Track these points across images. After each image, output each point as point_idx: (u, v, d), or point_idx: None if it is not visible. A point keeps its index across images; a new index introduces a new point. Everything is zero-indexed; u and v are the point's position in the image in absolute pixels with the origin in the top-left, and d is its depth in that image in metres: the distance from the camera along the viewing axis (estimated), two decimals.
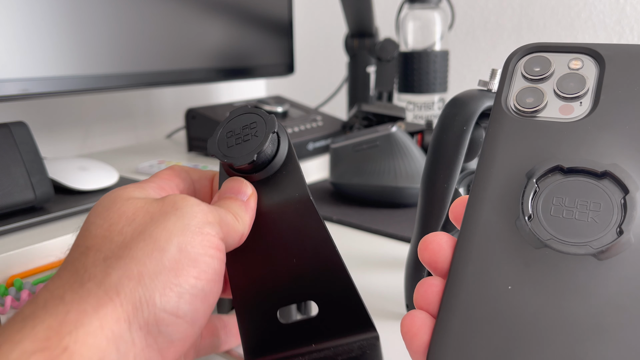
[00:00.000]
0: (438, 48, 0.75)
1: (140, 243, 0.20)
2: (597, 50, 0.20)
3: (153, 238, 0.20)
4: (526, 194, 0.18)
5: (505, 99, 0.20)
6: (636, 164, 0.17)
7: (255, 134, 0.26)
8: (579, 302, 0.16)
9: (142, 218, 0.21)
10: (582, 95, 0.19)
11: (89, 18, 0.57)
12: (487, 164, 0.19)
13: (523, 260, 0.17)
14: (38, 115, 0.78)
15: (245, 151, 0.25)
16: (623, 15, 0.80)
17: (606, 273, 0.16)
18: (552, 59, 0.20)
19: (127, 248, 0.20)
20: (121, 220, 0.21)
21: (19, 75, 0.51)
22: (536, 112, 0.20)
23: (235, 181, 0.26)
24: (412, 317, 0.18)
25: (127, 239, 0.20)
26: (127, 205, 0.22)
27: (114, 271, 0.19)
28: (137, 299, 0.19)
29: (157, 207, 0.22)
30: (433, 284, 0.18)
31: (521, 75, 0.21)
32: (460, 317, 0.17)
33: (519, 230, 0.18)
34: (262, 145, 0.25)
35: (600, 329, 0.15)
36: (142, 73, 0.64)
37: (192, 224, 0.21)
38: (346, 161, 0.56)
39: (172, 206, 0.22)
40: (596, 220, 0.17)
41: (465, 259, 0.18)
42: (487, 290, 0.17)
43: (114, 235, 0.21)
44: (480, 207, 0.19)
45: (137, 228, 0.21)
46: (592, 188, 0.18)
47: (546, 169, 0.18)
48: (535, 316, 0.16)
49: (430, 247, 0.19)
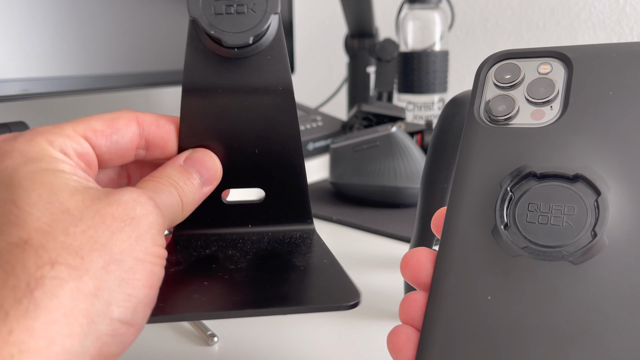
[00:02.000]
0: (438, 48, 0.75)
1: (94, 254, 0.18)
2: (564, 52, 0.20)
3: (108, 249, 0.19)
4: (500, 202, 0.18)
5: (478, 109, 0.20)
6: (607, 165, 0.17)
7: (253, 8, 0.22)
8: (558, 308, 0.16)
9: (91, 221, 0.19)
10: (552, 99, 0.19)
11: (89, 18, 0.57)
12: (462, 175, 0.19)
13: (501, 269, 0.17)
14: (38, 115, 0.78)
15: (238, 27, 0.22)
16: (623, 16, 0.80)
17: (583, 277, 0.16)
18: (522, 65, 0.20)
19: (79, 257, 0.18)
20: (65, 218, 0.18)
21: (19, 75, 0.51)
22: (508, 120, 0.20)
23: (208, 160, 0.24)
24: (397, 333, 0.18)
25: (76, 243, 0.18)
26: (71, 201, 0.19)
27: (66, 284, 0.17)
28: (93, 314, 0.18)
29: (109, 210, 0.19)
30: (416, 299, 0.19)
31: (492, 83, 0.21)
32: (442, 330, 0.17)
33: (496, 240, 0.18)
34: (260, 27, 0.22)
35: (581, 333, 0.16)
36: (142, 73, 0.64)
37: (147, 236, 0.20)
38: (346, 161, 0.56)
39: (128, 214, 0.20)
40: (571, 224, 0.17)
41: (445, 272, 0.18)
42: (468, 302, 0.17)
43: (57, 232, 0.18)
44: (457, 218, 0.19)
45: (86, 232, 0.18)
46: (565, 192, 0.18)
47: (519, 176, 0.18)
48: (515, 325, 0.16)
49: (411, 264, 0.19)
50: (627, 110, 0.18)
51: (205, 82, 0.24)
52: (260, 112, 0.24)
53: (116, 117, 0.24)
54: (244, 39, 0.22)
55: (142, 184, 0.23)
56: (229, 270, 0.24)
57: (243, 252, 0.26)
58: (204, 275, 0.23)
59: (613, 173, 0.17)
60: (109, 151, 0.23)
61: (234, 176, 0.26)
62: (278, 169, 0.26)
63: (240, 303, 0.21)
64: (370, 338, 0.31)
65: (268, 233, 0.27)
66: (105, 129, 0.23)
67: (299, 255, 0.25)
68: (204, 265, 0.24)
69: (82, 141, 0.22)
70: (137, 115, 0.24)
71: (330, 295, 0.22)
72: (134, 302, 0.19)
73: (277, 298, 0.21)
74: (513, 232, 0.18)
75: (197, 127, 0.25)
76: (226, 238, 0.27)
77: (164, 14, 0.66)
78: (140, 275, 0.19)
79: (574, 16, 0.83)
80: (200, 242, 0.27)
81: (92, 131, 0.22)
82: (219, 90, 0.24)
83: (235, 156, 0.26)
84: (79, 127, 0.22)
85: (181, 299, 0.22)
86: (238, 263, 0.25)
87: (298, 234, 0.27)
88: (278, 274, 0.24)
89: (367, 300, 0.35)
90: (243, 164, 0.26)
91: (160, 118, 0.25)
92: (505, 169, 0.19)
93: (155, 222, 0.21)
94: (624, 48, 0.19)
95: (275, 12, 0.22)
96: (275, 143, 0.26)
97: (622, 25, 0.80)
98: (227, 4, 0.22)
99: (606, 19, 0.81)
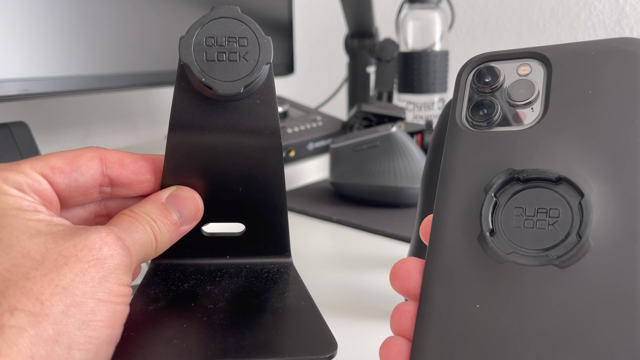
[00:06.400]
0: (438, 48, 0.75)
1: (54, 297, 0.18)
2: (542, 53, 0.20)
3: (69, 292, 0.18)
4: (485, 208, 0.18)
5: (460, 114, 0.20)
6: (590, 166, 0.17)
7: (245, 57, 0.22)
8: (546, 313, 0.16)
9: (53, 263, 0.18)
10: (532, 100, 0.19)
11: (90, 18, 0.57)
12: (446, 182, 0.19)
13: (489, 277, 0.17)
14: (38, 115, 0.78)
15: (229, 75, 0.21)
16: (623, 16, 0.80)
17: (570, 281, 0.16)
18: (501, 67, 0.20)
19: (39, 302, 0.17)
20: (26, 262, 0.18)
21: (19, 75, 0.51)
22: (490, 124, 0.20)
23: (190, 199, 0.24)
24: (389, 344, 0.18)
25: (37, 288, 0.18)
26: (32, 244, 0.19)
27: (25, 332, 0.17)
28: (54, 359, 0.17)
29: (73, 251, 0.19)
30: (406, 310, 0.19)
31: (473, 87, 0.21)
32: (433, 341, 0.17)
33: (482, 247, 0.18)
34: (252, 76, 0.21)
35: (569, 338, 0.15)
36: (142, 73, 0.64)
37: (112, 277, 0.19)
38: (346, 161, 0.56)
39: (93, 255, 0.19)
40: (556, 227, 0.17)
41: (433, 282, 0.18)
42: (457, 311, 0.17)
43: (18, 278, 0.18)
44: (443, 226, 0.19)
45: (47, 275, 0.18)
46: (549, 195, 0.17)
47: (503, 180, 0.18)
48: (504, 332, 0.16)
49: (400, 275, 0.19)
50: (607, 109, 0.18)
51: (193, 123, 0.24)
52: (247, 153, 0.24)
53: (77, 155, 0.23)
54: (236, 88, 0.21)
55: (117, 219, 0.22)
56: (208, 311, 0.24)
57: (221, 289, 0.26)
58: (183, 316, 0.23)
59: (595, 174, 0.17)
60: (68, 189, 0.23)
61: (215, 211, 0.26)
62: (260, 206, 0.26)
63: (220, 351, 0.21)
64: (370, 338, 0.31)
65: (246, 265, 0.28)
66: (64, 167, 0.23)
67: (276, 294, 0.25)
68: (183, 303, 0.24)
69: (39, 178, 0.22)
70: (100, 152, 0.24)
71: (308, 345, 0.22)
72: (96, 344, 0.19)
73: (256, 347, 0.21)
74: (499, 238, 0.18)
75: (182, 164, 0.25)
76: (204, 270, 0.27)
77: (164, 14, 0.66)
78: (102, 316, 0.19)
79: (574, 16, 0.83)
80: (179, 274, 0.27)
81: (49, 168, 0.22)
82: (206, 131, 0.24)
83: (218, 193, 0.26)
84: (36, 165, 0.22)
85: (161, 344, 0.21)
86: (216, 302, 0.24)
87: (276, 267, 0.28)
88: (256, 317, 0.24)
89: (366, 301, 0.36)
90: (226, 200, 0.26)
91: (126, 156, 0.24)
92: (489, 175, 0.19)
93: (122, 263, 0.20)
94: (602, 45, 0.19)
95: (267, 62, 0.22)
96: (260, 182, 0.26)
97: (622, 25, 0.80)
98: (219, 51, 0.21)
99: (606, 19, 0.81)
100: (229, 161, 0.25)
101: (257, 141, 0.24)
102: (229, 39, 0.22)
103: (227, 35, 0.22)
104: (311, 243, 0.47)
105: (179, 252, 0.27)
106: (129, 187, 0.25)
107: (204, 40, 0.21)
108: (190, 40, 0.21)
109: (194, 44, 0.21)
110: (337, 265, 0.41)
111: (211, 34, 0.21)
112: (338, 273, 0.40)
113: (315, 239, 0.48)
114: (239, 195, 0.26)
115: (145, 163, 0.25)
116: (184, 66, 0.22)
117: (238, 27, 0.22)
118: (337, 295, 0.36)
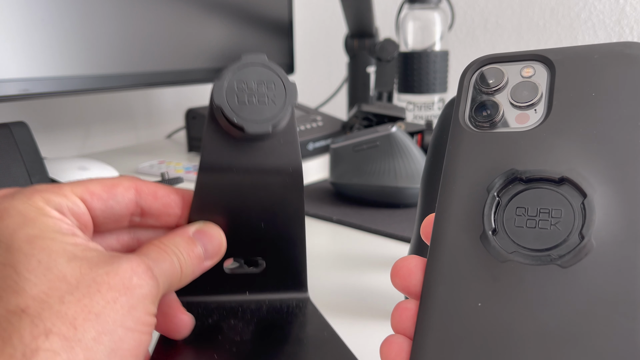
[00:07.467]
0: (438, 48, 0.75)
1: (87, 324, 0.18)
2: (546, 55, 0.20)
3: (101, 319, 0.19)
4: (488, 207, 0.18)
5: (463, 114, 0.20)
6: (593, 167, 0.17)
7: (273, 100, 0.23)
8: (548, 313, 0.16)
9: (87, 289, 0.19)
10: (535, 102, 0.19)
11: (90, 18, 0.57)
12: (449, 182, 0.19)
13: (491, 275, 0.17)
14: (38, 115, 0.78)
15: (258, 115, 0.23)
16: (623, 16, 0.80)
17: (572, 280, 0.16)
18: (505, 69, 0.20)
19: (73, 327, 0.18)
20: (62, 286, 0.19)
21: (19, 75, 0.51)
22: (493, 125, 0.20)
23: (216, 236, 0.25)
24: (390, 343, 0.18)
25: (71, 312, 0.18)
26: (68, 267, 0.19)
27: (59, 356, 0.17)
28: None
29: (105, 278, 0.20)
30: (407, 308, 0.19)
31: (476, 88, 0.21)
32: (434, 339, 0.17)
33: (484, 246, 0.18)
34: (279, 117, 0.23)
35: (571, 338, 0.15)
36: (142, 73, 0.64)
37: (140, 306, 0.20)
38: (346, 161, 0.56)
39: (124, 284, 0.20)
40: (559, 227, 0.17)
41: (435, 280, 0.18)
42: (458, 309, 0.17)
43: (53, 301, 0.18)
44: (445, 225, 0.19)
45: (81, 300, 0.19)
46: (552, 195, 0.18)
47: (506, 180, 0.18)
48: (506, 331, 0.16)
49: (401, 273, 0.19)
50: (610, 111, 0.18)
51: (222, 162, 0.25)
52: (271, 190, 0.25)
53: (115, 184, 0.24)
54: (265, 128, 0.23)
55: (147, 249, 0.23)
56: (235, 343, 0.25)
57: (245, 322, 0.27)
58: (212, 348, 0.25)
59: (598, 174, 0.17)
60: (103, 215, 0.23)
61: (237, 247, 0.27)
62: (281, 241, 0.27)
63: None
64: (370, 338, 0.31)
65: (265, 301, 0.28)
66: (102, 194, 0.23)
67: (298, 326, 0.27)
68: (210, 336, 0.26)
69: (78, 202, 0.22)
70: (136, 183, 0.25)
71: None
72: None
73: None
74: (501, 238, 0.18)
75: (209, 201, 0.26)
76: (225, 306, 0.28)
77: (164, 14, 0.66)
78: (128, 345, 0.19)
79: (574, 16, 0.83)
80: (201, 310, 0.28)
81: (89, 194, 0.23)
82: (233, 170, 0.25)
83: (241, 229, 0.26)
84: (76, 189, 0.23)
85: None
86: (242, 334, 0.26)
87: (294, 302, 0.29)
88: (283, 347, 0.25)
89: (367, 301, 0.36)
90: (248, 236, 0.27)
91: (159, 189, 0.25)
92: (492, 174, 0.19)
93: (150, 293, 0.21)
94: (605, 49, 0.19)
95: (293, 103, 0.23)
96: (281, 218, 0.27)
97: (622, 25, 0.80)
98: (249, 94, 0.23)
99: (606, 19, 0.81)
100: (253, 198, 0.26)
101: (280, 179, 0.25)
102: (258, 83, 0.23)
103: (256, 80, 0.23)
104: (311, 243, 0.47)
105: (200, 289, 0.28)
106: (157, 218, 0.26)
107: (235, 85, 0.23)
108: (223, 84, 0.23)
109: (226, 88, 0.23)
110: (337, 265, 0.41)
111: (242, 79, 0.23)
112: (338, 273, 0.40)
113: (316, 239, 0.48)
114: (261, 231, 0.27)
115: (177, 197, 0.26)
116: (216, 109, 0.23)
117: (266, 73, 0.24)
118: (337, 295, 0.36)
